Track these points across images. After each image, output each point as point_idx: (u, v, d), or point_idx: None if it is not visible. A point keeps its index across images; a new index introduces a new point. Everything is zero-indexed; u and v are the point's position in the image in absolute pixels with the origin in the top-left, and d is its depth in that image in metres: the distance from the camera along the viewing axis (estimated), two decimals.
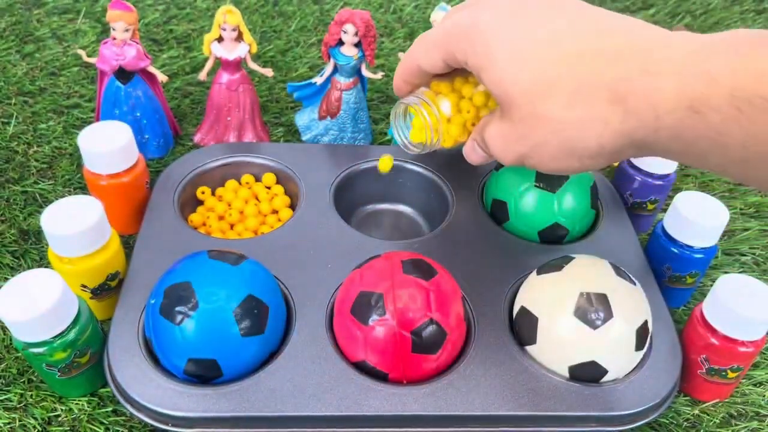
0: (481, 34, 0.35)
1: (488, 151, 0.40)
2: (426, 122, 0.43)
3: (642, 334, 0.46)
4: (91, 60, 0.64)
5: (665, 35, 0.32)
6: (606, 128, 0.33)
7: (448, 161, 0.65)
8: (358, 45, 0.63)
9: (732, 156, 0.30)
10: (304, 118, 0.69)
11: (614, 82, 0.32)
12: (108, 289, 0.51)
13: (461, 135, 0.45)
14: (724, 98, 0.29)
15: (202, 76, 0.66)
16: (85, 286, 0.50)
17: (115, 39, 0.62)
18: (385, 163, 0.57)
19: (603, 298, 0.45)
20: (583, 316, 0.45)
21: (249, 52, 0.64)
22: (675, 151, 0.32)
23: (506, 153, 0.38)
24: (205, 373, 0.45)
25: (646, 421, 0.47)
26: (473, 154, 0.43)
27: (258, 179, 0.65)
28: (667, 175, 0.61)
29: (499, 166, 0.60)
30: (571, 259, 0.49)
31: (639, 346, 0.46)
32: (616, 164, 0.70)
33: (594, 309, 0.45)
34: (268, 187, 0.64)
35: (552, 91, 0.33)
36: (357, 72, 0.65)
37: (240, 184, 0.64)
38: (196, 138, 0.70)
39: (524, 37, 0.34)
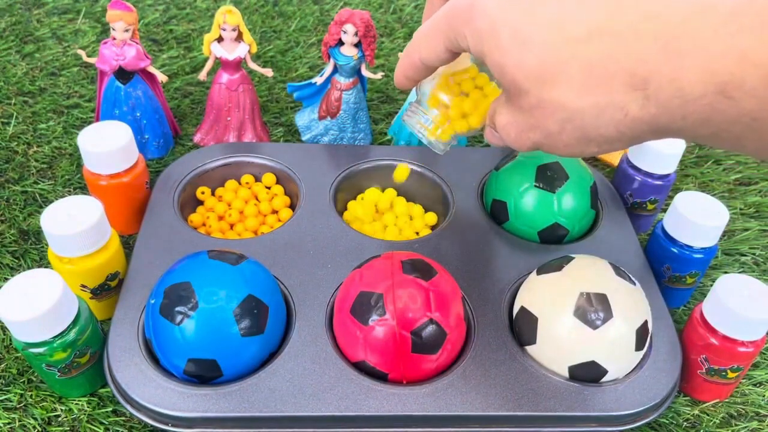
0: (482, 17, 0.33)
1: (502, 140, 0.38)
2: (435, 133, 0.44)
3: (642, 334, 0.46)
4: (91, 60, 0.64)
5: (683, 4, 0.28)
6: (625, 116, 0.30)
7: (448, 161, 0.65)
8: (358, 45, 0.63)
9: None
10: (304, 118, 0.69)
11: (632, 64, 0.29)
12: (108, 289, 0.51)
13: (476, 122, 0.44)
14: (760, 80, 0.26)
15: (202, 76, 0.66)
16: (85, 286, 0.50)
17: (115, 39, 0.62)
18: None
19: (603, 298, 0.45)
20: (583, 316, 0.45)
21: (249, 52, 0.64)
22: (703, 135, 0.30)
23: (520, 142, 0.36)
24: (205, 373, 0.45)
25: (646, 421, 0.47)
26: (493, 138, 0.41)
27: (258, 179, 0.65)
28: (667, 175, 0.61)
29: (499, 165, 0.60)
30: (571, 259, 0.49)
31: (639, 346, 0.46)
32: (615, 164, 0.70)
33: (594, 309, 0.45)
34: (268, 187, 0.64)
35: (561, 76, 0.31)
36: (357, 72, 0.65)
37: (240, 184, 0.64)
38: (196, 138, 0.70)
39: (527, 18, 0.32)
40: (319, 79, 0.66)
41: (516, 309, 0.50)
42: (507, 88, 0.34)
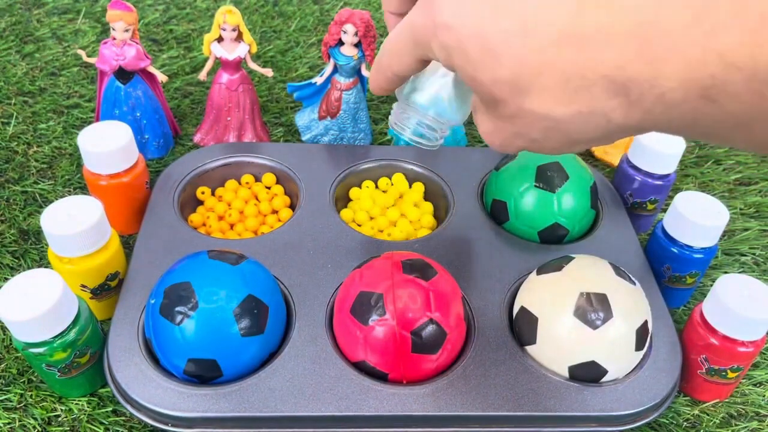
0: (445, 33, 0.32)
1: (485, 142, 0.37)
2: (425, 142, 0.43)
3: (642, 334, 0.46)
4: (91, 60, 0.64)
5: (655, 2, 0.27)
6: (608, 122, 0.30)
7: (448, 161, 0.65)
8: (358, 45, 0.63)
9: (758, 137, 0.27)
10: (304, 118, 0.69)
11: (609, 71, 0.28)
12: (108, 289, 0.51)
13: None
14: (743, 84, 0.25)
15: (202, 76, 0.66)
16: (85, 286, 0.50)
17: (115, 39, 0.62)
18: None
19: (603, 298, 0.45)
20: (583, 316, 0.45)
21: (249, 52, 0.64)
22: (692, 135, 0.29)
23: (505, 148, 0.35)
24: (205, 373, 0.45)
25: (646, 421, 0.47)
26: None
27: (258, 179, 0.65)
28: (667, 175, 0.61)
29: (499, 165, 0.60)
30: (571, 259, 0.49)
31: (639, 346, 0.46)
32: (615, 164, 0.70)
33: (594, 309, 0.45)
34: (268, 187, 0.64)
35: (537, 86, 0.30)
36: (357, 72, 0.65)
37: (240, 184, 0.64)
38: (196, 138, 0.70)
39: (492, 28, 0.30)
40: (319, 79, 0.66)
41: (516, 309, 0.50)
42: (484, 99, 0.33)
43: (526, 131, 0.33)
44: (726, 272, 0.62)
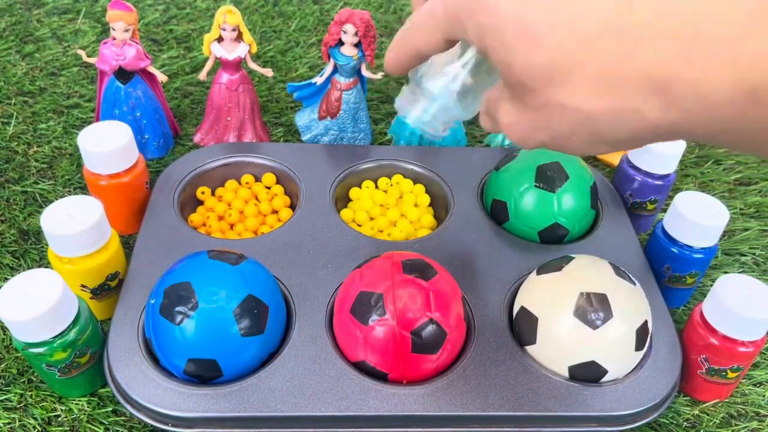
0: (486, 12, 0.31)
1: (506, 135, 0.36)
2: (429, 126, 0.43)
3: (642, 334, 0.46)
4: (91, 60, 0.64)
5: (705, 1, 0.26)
6: (642, 120, 0.29)
7: (448, 161, 0.65)
8: (358, 45, 0.63)
9: None
10: (304, 118, 0.69)
11: (651, 68, 0.27)
12: (108, 289, 0.51)
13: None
14: None
15: (202, 76, 0.66)
16: (85, 286, 0.50)
17: (115, 39, 0.62)
18: None
19: (603, 298, 0.45)
20: (582, 316, 0.45)
21: (249, 52, 0.64)
22: (725, 141, 0.29)
23: (526, 142, 0.34)
24: (205, 373, 0.45)
25: (646, 421, 0.47)
26: (488, 125, 0.39)
27: (258, 179, 0.65)
28: (667, 175, 0.61)
29: (499, 165, 0.60)
30: (571, 259, 0.49)
31: (639, 346, 0.46)
32: (615, 164, 0.70)
33: (594, 309, 0.45)
34: (268, 187, 0.64)
35: (571, 77, 0.29)
36: (357, 72, 0.65)
37: (240, 184, 0.64)
38: (196, 138, 0.70)
39: (535, 15, 0.30)
40: (319, 79, 0.66)
41: (516, 309, 0.50)
42: (512, 85, 0.33)
43: (551, 124, 0.32)
44: (726, 272, 0.62)
